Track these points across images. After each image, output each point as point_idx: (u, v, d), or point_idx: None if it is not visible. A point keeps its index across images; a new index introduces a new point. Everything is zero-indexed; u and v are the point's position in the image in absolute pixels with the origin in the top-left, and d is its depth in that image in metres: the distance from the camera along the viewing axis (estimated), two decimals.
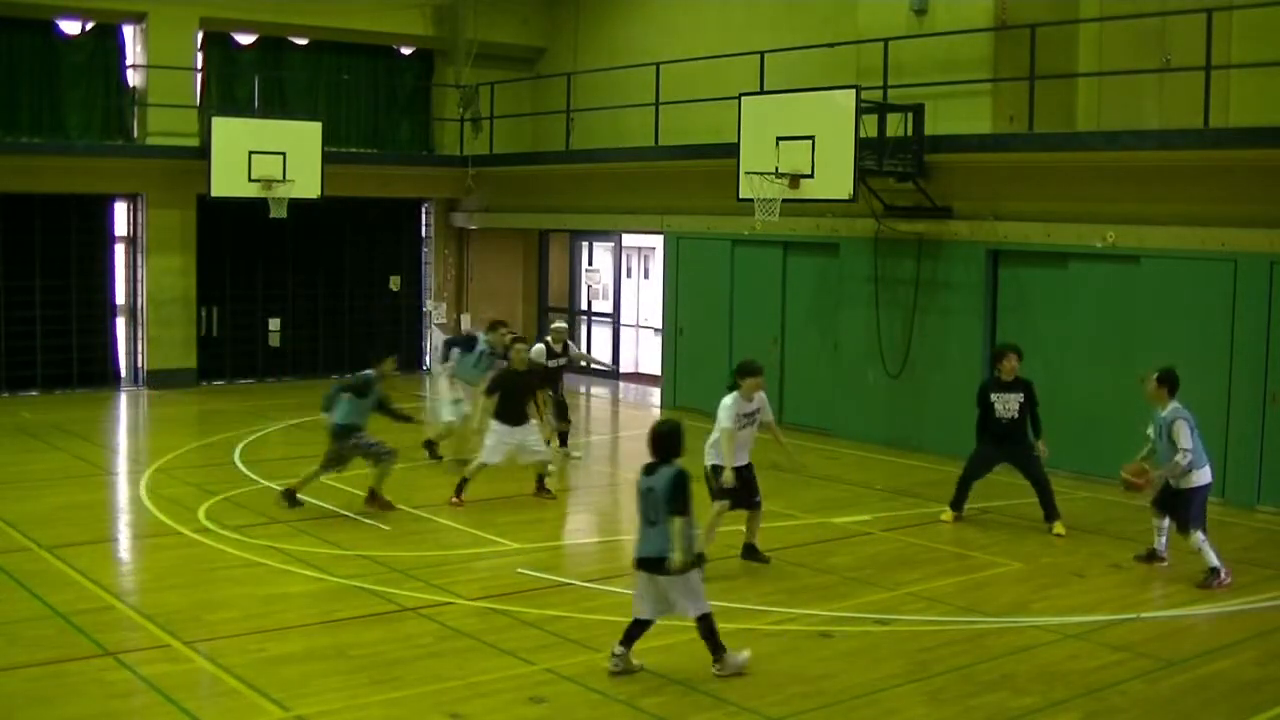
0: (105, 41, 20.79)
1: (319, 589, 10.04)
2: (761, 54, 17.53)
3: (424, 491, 13.53)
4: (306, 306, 22.65)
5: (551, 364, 15.35)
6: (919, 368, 16.24)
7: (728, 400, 10.49)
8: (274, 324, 22.29)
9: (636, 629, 8.10)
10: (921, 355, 16.24)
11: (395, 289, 23.74)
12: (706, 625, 8.05)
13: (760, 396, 10.67)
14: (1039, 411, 12.42)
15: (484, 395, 13.24)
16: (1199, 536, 10.48)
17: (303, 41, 22.61)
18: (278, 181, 19.80)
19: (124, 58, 20.98)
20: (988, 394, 12.40)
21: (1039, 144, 15.00)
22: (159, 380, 20.85)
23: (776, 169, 15.20)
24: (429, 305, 24.22)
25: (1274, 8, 13.58)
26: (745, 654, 8.22)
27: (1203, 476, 10.71)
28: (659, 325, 21.12)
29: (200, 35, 21.21)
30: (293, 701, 7.60)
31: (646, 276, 23.97)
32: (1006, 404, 12.27)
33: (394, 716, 7.51)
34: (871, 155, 15.17)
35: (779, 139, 15.23)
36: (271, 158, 19.74)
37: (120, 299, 21.04)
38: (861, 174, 14.87)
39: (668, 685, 7.99)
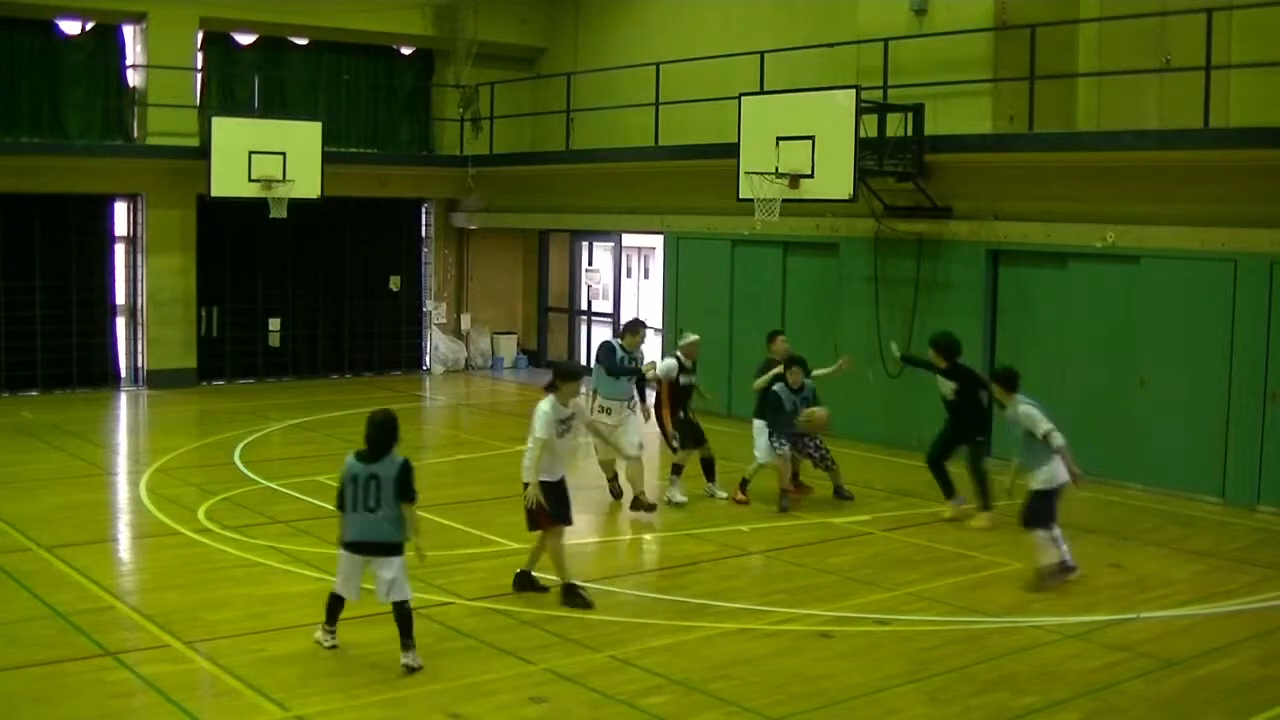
0: (105, 41, 20.80)
1: (319, 589, 10.01)
2: (761, 54, 17.53)
3: (424, 492, 13.51)
4: (306, 306, 22.65)
5: (684, 381, 13.37)
6: (919, 368, 16.20)
7: (545, 406, 9.74)
8: (274, 324, 22.28)
9: (338, 605, 8.51)
10: (922, 355, 16.18)
11: (395, 289, 23.74)
12: (404, 610, 8.23)
13: (576, 402, 9.98)
14: (980, 400, 12.57)
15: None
16: (1040, 534, 10.25)
17: (303, 41, 22.61)
18: (278, 181, 19.81)
19: (124, 58, 20.99)
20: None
21: (1039, 144, 15.00)
22: (159, 380, 20.85)
23: (776, 169, 15.20)
24: (429, 305, 24.22)
25: (1274, 8, 13.57)
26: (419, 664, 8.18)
27: (1052, 477, 10.26)
28: (659, 325, 21.11)
29: (200, 35, 21.22)
30: (293, 701, 7.60)
31: (646, 276, 23.99)
32: (943, 386, 12.68)
33: (394, 716, 7.51)
34: (871, 155, 15.17)
35: (779, 139, 15.23)
36: (271, 158, 19.74)
37: (120, 299, 21.03)
38: (861, 174, 14.87)
39: (668, 685, 7.99)
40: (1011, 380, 10.74)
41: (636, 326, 13.32)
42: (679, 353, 13.62)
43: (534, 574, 10.04)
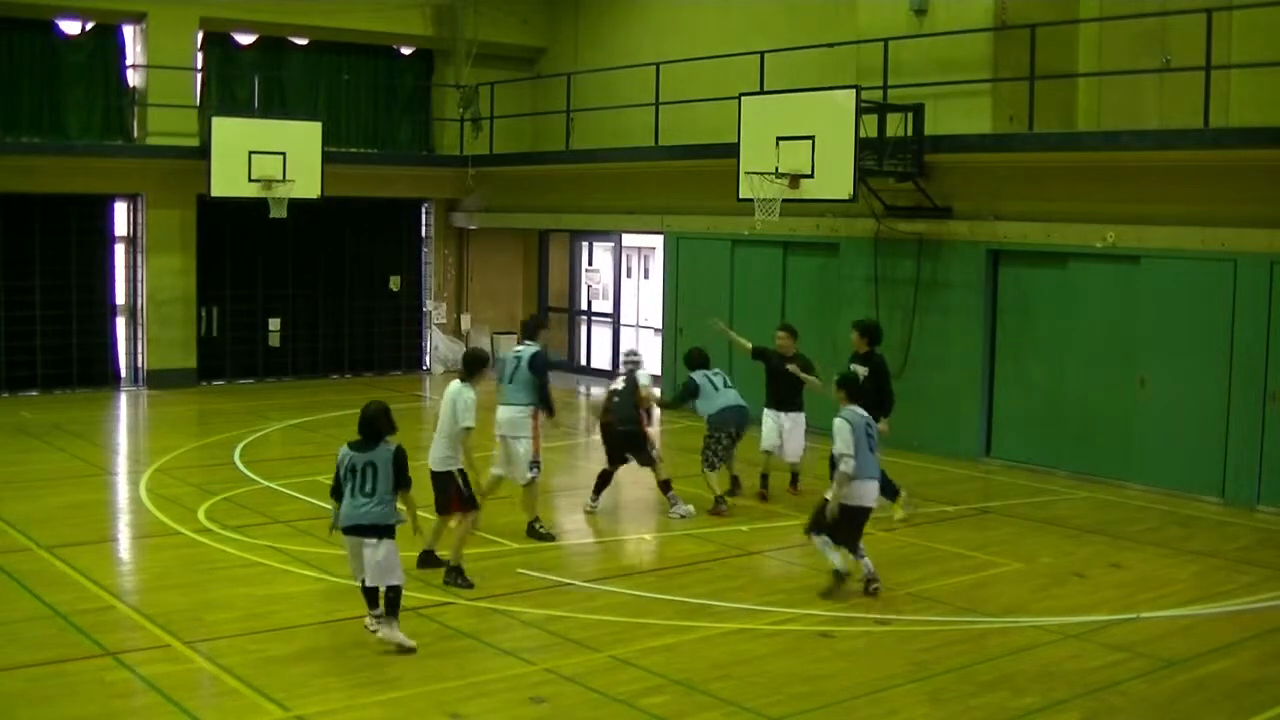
0: (105, 41, 20.79)
1: (319, 589, 10.04)
2: (761, 54, 17.52)
3: (424, 492, 13.53)
4: (306, 306, 22.64)
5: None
6: (919, 368, 16.23)
7: (470, 394, 10.05)
8: (274, 324, 22.28)
9: (372, 592, 8.64)
10: (921, 355, 16.23)
11: (395, 289, 23.74)
12: (396, 594, 8.58)
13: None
14: (891, 389, 12.54)
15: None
16: (821, 539, 10.03)
17: (303, 41, 22.60)
18: (278, 181, 19.80)
19: (124, 58, 20.98)
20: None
21: (1039, 144, 15.00)
22: (159, 380, 20.85)
23: (776, 169, 15.19)
24: (429, 305, 24.22)
25: (1274, 8, 13.57)
26: (411, 642, 8.53)
27: (855, 495, 9.90)
28: (659, 325, 21.12)
29: (200, 35, 21.21)
30: (293, 701, 7.61)
31: (646, 276, 23.97)
32: (859, 370, 12.16)
33: (394, 716, 7.51)
34: (871, 155, 15.16)
35: (779, 139, 15.22)
36: (271, 158, 19.74)
37: (120, 299, 21.03)
38: (861, 174, 14.86)
39: (668, 685, 8.00)
40: (851, 388, 10.43)
41: (539, 324, 12.63)
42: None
43: (436, 552, 10.47)
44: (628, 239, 23.33)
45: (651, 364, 22.09)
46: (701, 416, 13.27)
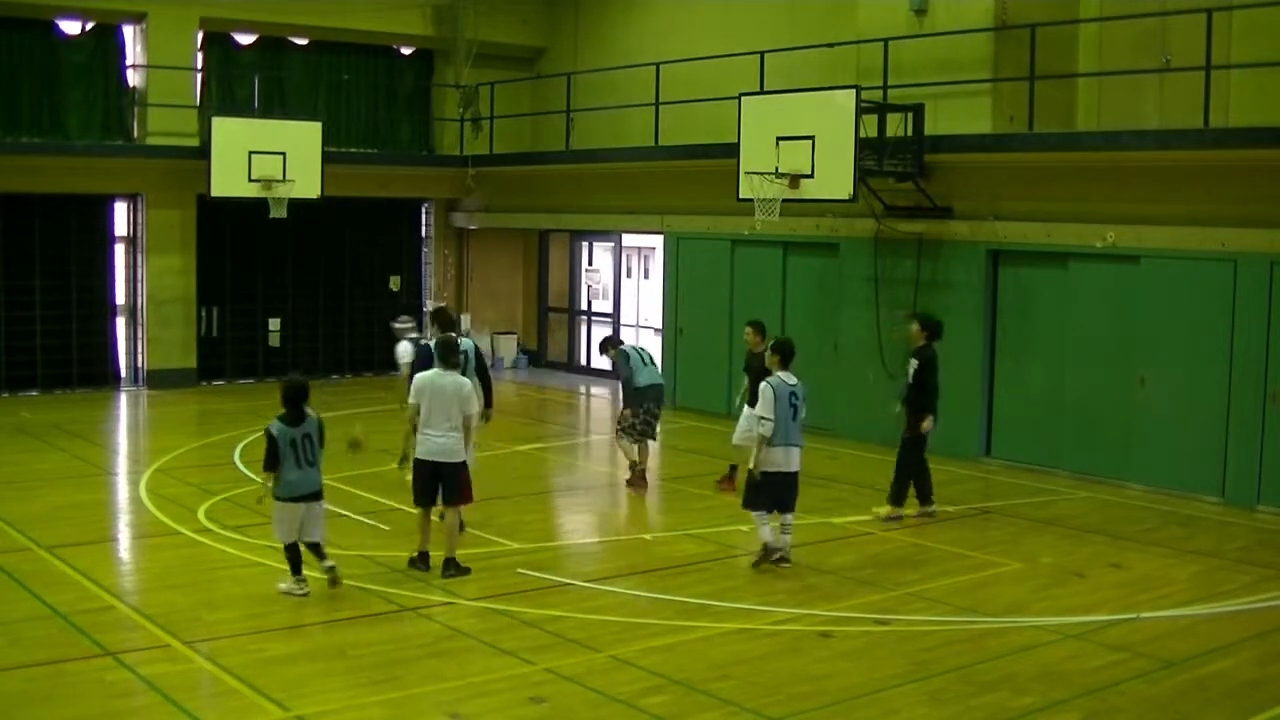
0: (105, 41, 20.79)
1: (319, 589, 10.03)
2: (761, 54, 17.52)
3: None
4: (306, 306, 22.65)
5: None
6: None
7: (468, 382, 10.61)
8: (274, 324, 22.28)
9: (297, 556, 9.67)
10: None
11: (395, 289, 23.74)
12: (319, 549, 9.71)
13: None
14: (931, 385, 12.78)
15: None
16: (757, 515, 10.67)
17: (303, 41, 22.61)
18: (278, 181, 19.80)
19: (124, 58, 20.98)
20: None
21: (1039, 144, 15.00)
22: (159, 380, 20.85)
23: (776, 169, 15.19)
24: (429, 305, 24.21)
25: (1274, 8, 13.57)
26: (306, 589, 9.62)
27: (773, 460, 10.50)
28: (659, 325, 21.12)
29: (200, 35, 21.21)
30: (293, 701, 7.61)
31: (646, 276, 23.96)
32: (910, 365, 12.91)
33: (394, 716, 7.52)
34: (871, 155, 15.16)
35: (779, 139, 15.22)
36: (271, 158, 19.74)
37: (120, 299, 21.03)
38: (861, 174, 14.87)
39: (668, 685, 8.00)
40: (785, 352, 10.95)
41: (436, 316, 12.97)
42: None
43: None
44: (628, 239, 23.33)
45: None
46: (627, 389, 13.95)
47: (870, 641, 9.01)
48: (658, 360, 14.42)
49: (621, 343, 14.46)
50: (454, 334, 11.86)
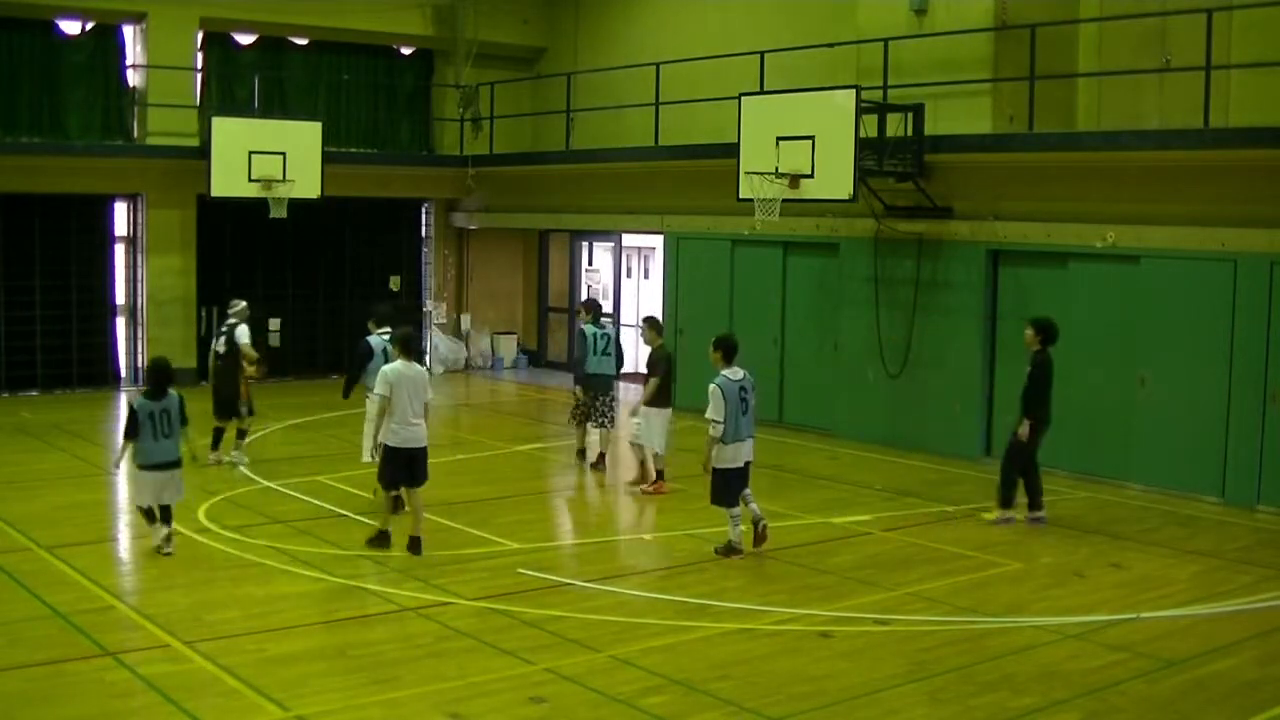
0: (105, 41, 20.79)
1: (319, 589, 10.04)
2: (761, 54, 17.52)
3: (424, 492, 13.54)
4: (306, 306, 22.65)
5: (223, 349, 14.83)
6: (919, 368, 16.24)
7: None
8: (274, 324, 22.27)
9: (152, 515, 10.81)
10: (921, 355, 16.24)
11: (395, 289, 23.73)
12: (169, 512, 10.83)
13: None
14: (1037, 394, 12.55)
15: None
16: (730, 513, 10.95)
17: (303, 41, 22.61)
18: (278, 181, 19.80)
19: (124, 58, 20.98)
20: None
21: (1039, 144, 15.00)
22: None
23: (776, 169, 15.20)
24: (429, 305, 24.22)
25: (1274, 8, 13.58)
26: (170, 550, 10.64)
27: (726, 458, 10.79)
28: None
29: (200, 35, 21.22)
30: (293, 701, 7.60)
31: (646, 276, 23.95)
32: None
33: (394, 716, 7.51)
34: (871, 155, 15.16)
35: (779, 139, 15.22)
36: (271, 158, 19.74)
37: (120, 299, 21.03)
38: (861, 174, 14.87)
39: (668, 685, 8.00)
40: (727, 348, 11.12)
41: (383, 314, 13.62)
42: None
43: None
44: (628, 239, 23.33)
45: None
46: (577, 369, 14.63)
47: (870, 641, 9.01)
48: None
49: (599, 316, 14.90)
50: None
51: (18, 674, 8.01)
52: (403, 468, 10.91)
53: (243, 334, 14.59)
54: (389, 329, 12.78)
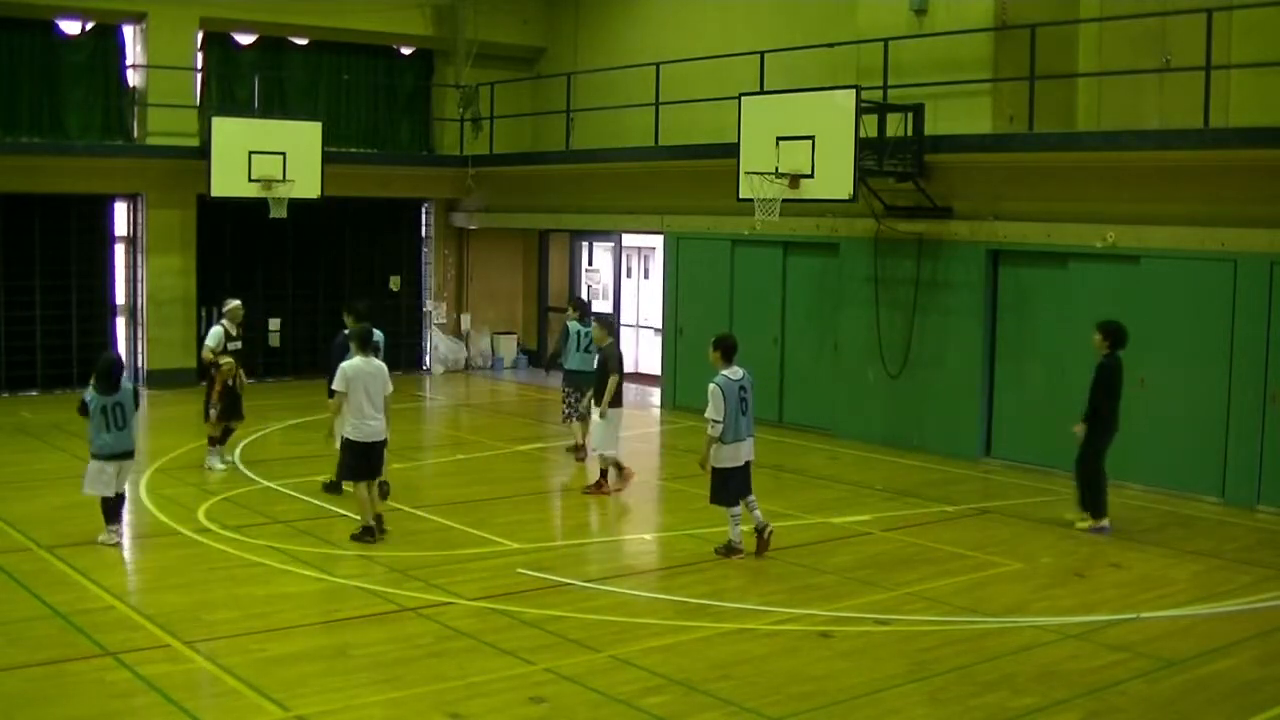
0: (105, 41, 20.79)
1: (319, 589, 10.04)
2: (761, 54, 17.52)
3: (424, 492, 13.55)
4: (306, 306, 22.64)
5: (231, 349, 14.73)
6: (919, 368, 16.24)
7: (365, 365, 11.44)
8: (274, 324, 22.27)
9: (114, 503, 11.18)
10: (921, 355, 16.23)
11: (395, 289, 23.73)
12: (123, 498, 11.36)
13: None
14: (1099, 400, 12.39)
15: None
16: (730, 513, 10.97)
17: (303, 41, 22.61)
18: (278, 181, 19.80)
19: (124, 58, 20.98)
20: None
21: (1039, 144, 15.00)
22: (159, 380, 20.84)
23: (776, 169, 15.19)
24: (429, 305, 24.22)
25: (1274, 8, 13.58)
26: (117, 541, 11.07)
27: (725, 457, 10.79)
28: (659, 325, 21.11)
29: (200, 35, 21.21)
30: (293, 701, 7.60)
31: (646, 276, 23.96)
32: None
33: (394, 716, 7.51)
34: (871, 155, 15.16)
35: (779, 139, 15.22)
36: (271, 158, 19.74)
37: (120, 299, 21.03)
38: (861, 174, 14.87)
39: (668, 685, 8.00)
40: (726, 348, 11.09)
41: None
42: (226, 321, 14.54)
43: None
44: (628, 239, 23.34)
45: (651, 363, 22.13)
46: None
47: (870, 641, 9.01)
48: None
49: (586, 316, 15.33)
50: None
51: (18, 674, 8.01)
52: (362, 459, 11.32)
53: (211, 335, 14.45)
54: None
